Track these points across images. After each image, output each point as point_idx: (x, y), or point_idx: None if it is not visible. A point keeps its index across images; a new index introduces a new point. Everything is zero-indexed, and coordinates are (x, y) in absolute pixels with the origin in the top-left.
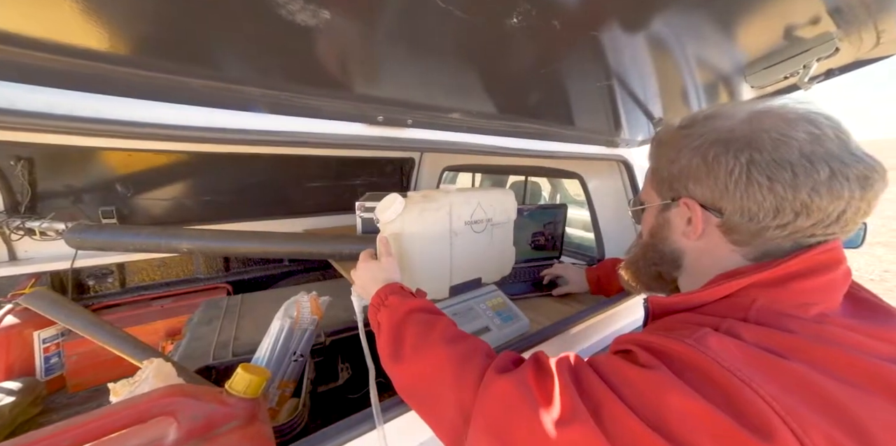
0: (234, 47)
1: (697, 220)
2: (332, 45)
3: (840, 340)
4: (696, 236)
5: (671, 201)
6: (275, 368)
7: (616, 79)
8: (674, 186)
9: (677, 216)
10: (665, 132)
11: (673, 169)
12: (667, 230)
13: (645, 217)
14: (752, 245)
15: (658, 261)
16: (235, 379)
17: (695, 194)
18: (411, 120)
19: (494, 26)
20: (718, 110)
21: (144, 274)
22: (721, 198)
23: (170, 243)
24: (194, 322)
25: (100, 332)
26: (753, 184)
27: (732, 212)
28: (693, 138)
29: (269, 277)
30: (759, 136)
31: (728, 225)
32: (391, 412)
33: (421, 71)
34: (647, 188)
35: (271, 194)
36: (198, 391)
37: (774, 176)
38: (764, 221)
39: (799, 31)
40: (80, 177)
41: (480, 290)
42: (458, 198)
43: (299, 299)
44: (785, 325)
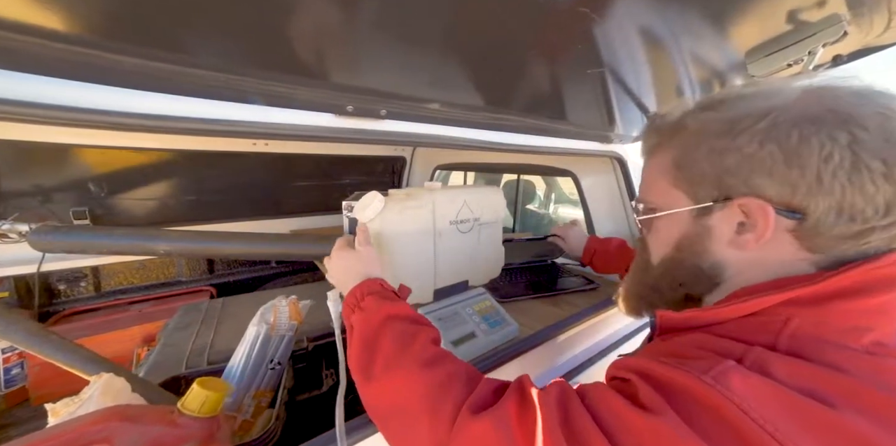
0: (170, 22)
1: (766, 226)
2: (288, 22)
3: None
4: (758, 245)
5: (713, 203)
6: (250, 377)
7: (608, 68)
8: (724, 183)
9: (722, 221)
10: (687, 114)
11: (723, 161)
12: (706, 240)
13: (661, 226)
14: (836, 251)
15: (688, 281)
16: (189, 396)
17: (763, 192)
18: (385, 110)
19: (474, 3)
20: (760, 85)
21: (122, 277)
22: (808, 194)
23: (145, 245)
24: (170, 327)
25: (42, 344)
26: (862, 170)
27: (825, 210)
28: (752, 119)
29: (255, 279)
30: (853, 110)
31: (813, 228)
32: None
33: (394, 55)
34: (663, 187)
35: (257, 194)
36: (142, 412)
37: (890, 159)
38: (871, 220)
39: (804, 14)
40: (49, 175)
41: (467, 294)
42: (443, 196)
43: (277, 303)
44: (829, 358)
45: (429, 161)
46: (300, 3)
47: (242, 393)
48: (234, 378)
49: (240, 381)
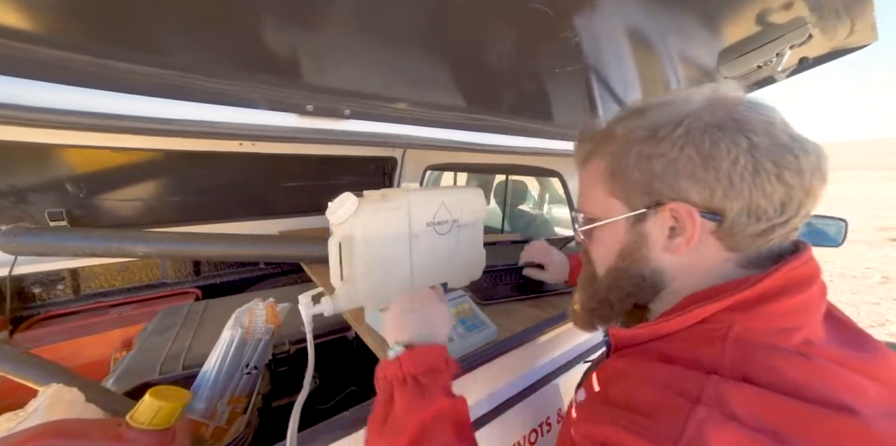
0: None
1: (693, 229)
2: (241, 16)
3: (837, 385)
4: (688, 248)
5: (647, 210)
6: (224, 382)
7: (590, 68)
8: (653, 189)
9: (655, 227)
10: (614, 122)
11: (651, 166)
12: (643, 247)
13: (602, 237)
14: (749, 248)
15: (634, 290)
16: (139, 407)
17: (687, 195)
18: (349, 110)
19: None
20: (670, 95)
21: (102, 279)
22: (724, 197)
23: (123, 247)
24: (148, 331)
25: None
26: (761, 173)
27: (738, 211)
28: (671, 126)
29: (243, 281)
30: (746, 117)
31: (730, 229)
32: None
33: (354, 51)
34: (600, 197)
35: (245, 195)
36: (84, 427)
37: (780, 161)
38: (773, 219)
39: (772, 16)
40: (23, 175)
41: (446, 296)
42: (419, 197)
43: (253, 307)
44: (770, 363)
45: (420, 162)
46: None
47: (216, 399)
48: (208, 383)
49: (213, 387)
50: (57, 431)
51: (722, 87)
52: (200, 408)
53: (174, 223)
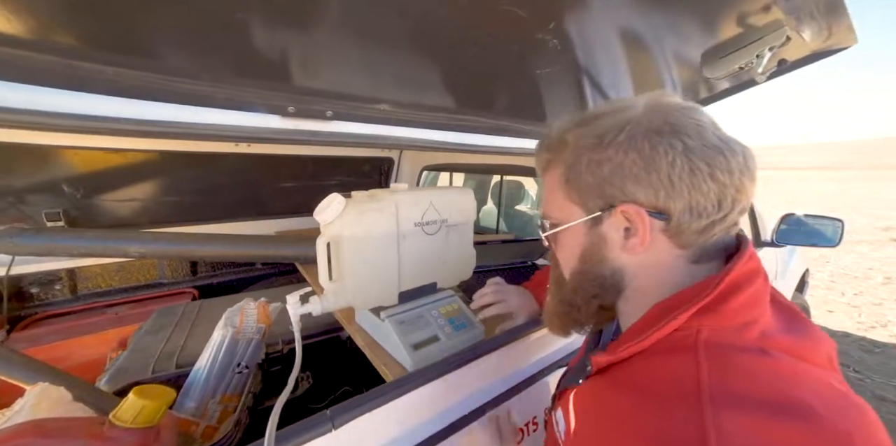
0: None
1: (644, 229)
2: (220, 20)
3: (798, 382)
4: (643, 248)
5: (602, 212)
6: (216, 382)
7: (580, 69)
8: (605, 192)
9: (611, 228)
10: (566, 132)
11: (601, 171)
12: (603, 249)
13: (564, 240)
14: (696, 245)
15: (598, 291)
16: (122, 406)
17: (636, 197)
18: (331, 111)
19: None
20: (614, 103)
21: (100, 279)
22: (668, 197)
23: (118, 247)
24: (142, 331)
25: None
26: (696, 173)
27: (682, 210)
28: (614, 132)
29: (240, 281)
30: (680, 122)
31: (676, 227)
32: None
33: (336, 53)
34: (560, 203)
35: (242, 195)
36: (66, 426)
37: (711, 161)
38: (711, 215)
39: (752, 18)
40: (20, 176)
41: (435, 296)
42: (406, 197)
43: (244, 306)
44: (743, 370)
45: (416, 162)
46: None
47: (208, 398)
48: (199, 382)
49: (205, 386)
50: (38, 430)
51: (660, 93)
52: (191, 407)
53: (171, 223)
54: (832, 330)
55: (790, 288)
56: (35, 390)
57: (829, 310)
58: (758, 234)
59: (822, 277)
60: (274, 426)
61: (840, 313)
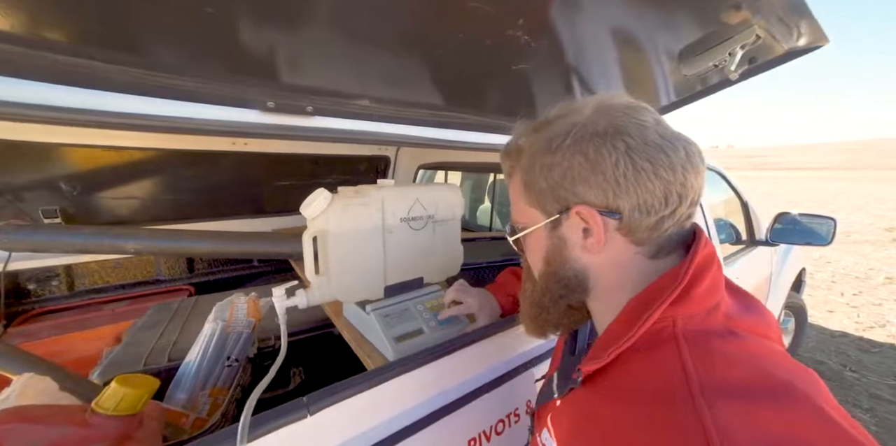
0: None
1: (598, 228)
2: (199, 16)
3: (775, 362)
4: (601, 247)
5: (560, 215)
6: (206, 374)
7: (553, 63)
8: (559, 196)
9: (570, 230)
10: (521, 138)
11: (552, 176)
12: (564, 250)
13: (530, 244)
14: (650, 241)
15: (564, 292)
16: (104, 394)
17: (587, 199)
18: (311, 107)
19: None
20: (565, 108)
21: (97, 276)
22: (616, 196)
23: (114, 244)
24: (136, 326)
25: None
26: (640, 172)
27: (631, 208)
28: (561, 137)
29: (236, 278)
30: (622, 122)
31: (629, 225)
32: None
33: (312, 49)
34: (522, 208)
35: (239, 193)
36: (49, 413)
37: (653, 159)
38: (660, 211)
39: (724, 16)
40: (18, 174)
41: (421, 291)
42: (392, 193)
43: (235, 300)
44: (725, 356)
45: (413, 161)
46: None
47: (198, 391)
48: (189, 375)
49: (195, 378)
50: (20, 416)
51: (610, 95)
52: (182, 399)
53: (168, 221)
54: (831, 329)
55: (785, 287)
56: (21, 380)
57: (828, 310)
58: (752, 233)
59: (822, 277)
60: (250, 411)
61: (839, 313)
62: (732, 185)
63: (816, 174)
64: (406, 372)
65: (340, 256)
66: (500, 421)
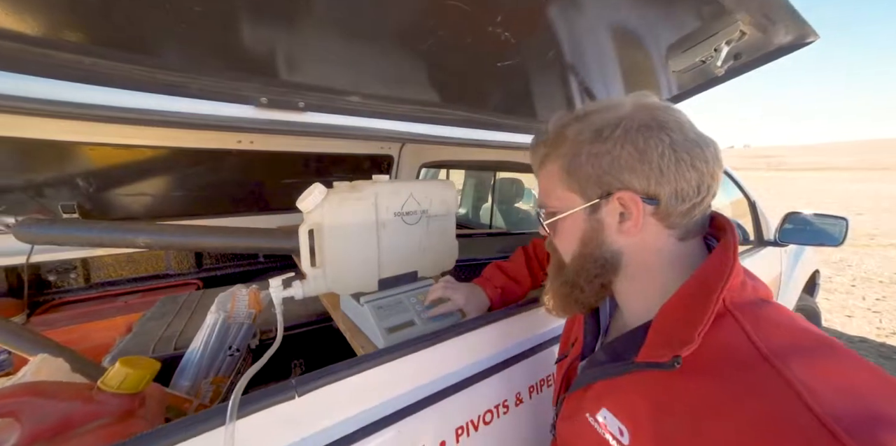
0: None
1: (638, 213)
2: (195, 14)
3: (804, 323)
4: (637, 230)
5: (600, 200)
6: (209, 363)
7: (568, 66)
8: (604, 181)
9: (608, 214)
10: (565, 127)
11: (600, 163)
12: (601, 233)
13: (565, 226)
14: (681, 225)
15: (600, 271)
16: (109, 373)
17: (631, 185)
18: (303, 102)
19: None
20: (601, 104)
21: (111, 269)
22: (658, 184)
23: (126, 238)
24: (146, 318)
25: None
26: (680, 163)
27: (669, 196)
28: (611, 127)
29: (243, 274)
30: (664, 118)
31: (665, 211)
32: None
33: (303, 47)
34: (560, 193)
35: (245, 190)
36: (59, 388)
37: (692, 152)
38: (693, 199)
39: (707, 12)
40: (38, 171)
41: (415, 284)
42: (386, 188)
43: (236, 292)
44: (766, 319)
45: (416, 159)
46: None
47: (201, 378)
48: (193, 363)
49: (198, 366)
50: (33, 390)
51: (642, 94)
52: (185, 386)
53: (177, 217)
54: (849, 335)
55: (797, 289)
56: (36, 360)
57: (847, 315)
58: (760, 233)
59: (842, 281)
60: (240, 390)
61: (859, 318)
62: (739, 185)
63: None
64: (393, 360)
65: (335, 249)
66: (489, 412)
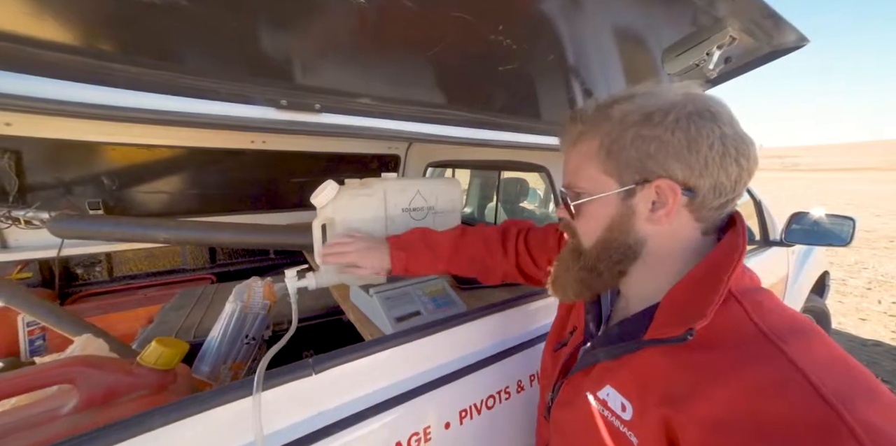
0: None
1: (674, 202)
2: (222, 26)
3: (789, 309)
4: (669, 220)
5: (635, 185)
6: (227, 349)
7: (563, 62)
8: (645, 167)
9: (642, 201)
10: (608, 106)
11: (646, 147)
12: (631, 219)
13: (592, 210)
14: (709, 219)
15: (622, 258)
16: (147, 351)
17: (673, 173)
18: (319, 104)
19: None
20: (649, 87)
21: (132, 264)
22: (700, 176)
23: (146, 233)
24: (166, 309)
25: (34, 307)
26: (727, 157)
27: (708, 189)
28: (663, 112)
29: (254, 269)
30: (716, 110)
31: (699, 203)
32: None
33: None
34: (592, 174)
35: (257, 188)
36: (104, 362)
37: (739, 147)
38: (729, 195)
39: (701, 18)
40: (67, 169)
41: (421, 277)
42: (394, 185)
43: (251, 283)
44: (763, 304)
45: (422, 159)
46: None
47: (220, 364)
48: (212, 350)
49: (217, 353)
50: (86, 362)
51: (688, 84)
52: (206, 371)
53: (193, 214)
54: (863, 338)
55: (804, 289)
56: (82, 339)
57: (860, 318)
58: (766, 233)
59: (856, 284)
60: (264, 365)
61: (874, 322)
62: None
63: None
64: (403, 344)
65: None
66: (491, 397)
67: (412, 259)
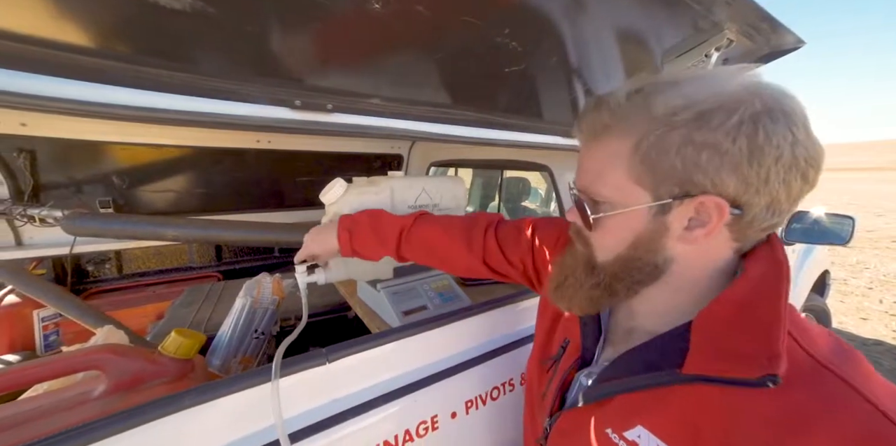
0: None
1: (719, 222)
2: (238, 32)
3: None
4: (707, 241)
5: (673, 200)
6: (237, 344)
7: (566, 63)
8: (691, 179)
9: (677, 218)
10: (647, 93)
11: (697, 156)
12: (662, 237)
13: (614, 225)
14: (751, 239)
15: (643, 278)
16: (168, 341)
17: (724, 189)
18: (331, 105)
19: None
20: (699, 71)
21: (140, 261)
22: (756, 193)
23: (156, 231)
24: (176, 305)
25: (59, 301)
26: (793, 170)
27: (762, 207)
28: (724, 112)
29: (259, 267)
30: (789, 108)
31: (748, 223)
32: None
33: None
34: (620, 182)
35: (262, 187)
36: (129, 350)
37: (810, 157)
38: (783, 214)
39: (700, 21)
40: (79, 168)
41: (427, 273)
42: (401, 183)
43: (261, 279)
44: (800, 324)
45: (425, 158)
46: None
47: (230, 358)
48: (223, 344)
49: (228, 347)
50: (113, 350)
51: (743, 67)
52: (217, 364)
53: (201, 212)
54: (864, 337)
55: (805, 288)
56: (104, 330)
57: (861, 317)
58: None
59: (857, 284)
60: (281, 353)
61: (875, 321)
62: None
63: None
64: (410, 336)
65: None
66: (496, 388)
67: (357, 240)
